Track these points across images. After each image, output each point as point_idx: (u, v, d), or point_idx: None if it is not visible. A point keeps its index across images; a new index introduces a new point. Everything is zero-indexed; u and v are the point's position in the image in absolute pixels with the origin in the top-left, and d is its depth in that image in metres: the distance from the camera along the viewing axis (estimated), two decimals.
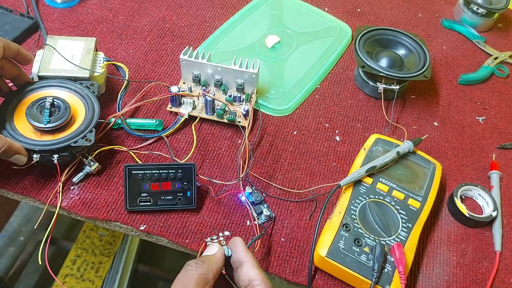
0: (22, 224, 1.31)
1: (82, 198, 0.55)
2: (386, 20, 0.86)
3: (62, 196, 0.54)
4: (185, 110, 0.63)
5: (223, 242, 0.43)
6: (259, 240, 0.53)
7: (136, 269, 1.18)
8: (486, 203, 0.60)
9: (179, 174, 0.54)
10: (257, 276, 0.39)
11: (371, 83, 0.70)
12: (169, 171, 0.54)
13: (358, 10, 0.87)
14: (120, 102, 0.64)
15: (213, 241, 0.43)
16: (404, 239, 0.52)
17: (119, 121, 0.60)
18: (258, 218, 0.55)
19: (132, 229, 0.54)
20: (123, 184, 0.55)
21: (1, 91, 0.57)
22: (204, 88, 0.65)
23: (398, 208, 0.54)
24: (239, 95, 0.65)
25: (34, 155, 0.52)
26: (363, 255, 0.50)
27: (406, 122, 0.69)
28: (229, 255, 0.42)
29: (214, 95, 0.63)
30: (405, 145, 0.59)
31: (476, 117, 0.72)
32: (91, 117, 0.56)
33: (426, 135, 0.66)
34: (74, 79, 0.59)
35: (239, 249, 0.42)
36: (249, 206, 0.55)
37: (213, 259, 0.40)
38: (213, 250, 0.41)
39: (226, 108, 0.63)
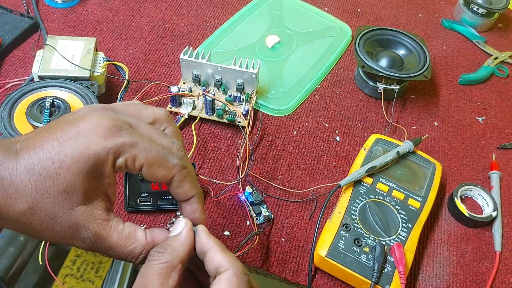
0: None
1: None
2: (386, 20, 0.86)
3: None
4: (185, 110, 0.63)
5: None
6: (257, 236, 0.53)
7: (136, 269, 1.18)
8: (486, 203, 0.60)
9: None
10: (222, 260, 0.33)
11: (371, 83, 0.70)
12: None
13: (358, 10, 0.87)
14: (120, 102, 0.64)
15: (169, 224, 0.36)
16: (404, 239, 0.52)
17: None
18: (256, 219, 0.55)
19: None
20: (123, 184, 0.55)
21: None
22: (204, 88, 0.65)
23: (398, 208, 0.54)
24: (239, 95, 0.65)
25: None
26: (363, 255, 0.50)
27: (406, 122, 0.69)
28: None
29: (214, 95, 0.63)
30: (405, 145, 0.59)
31: (476, 117, 0.72)
32: None
33: (426, 135, 0.66)
34: (74, 79, 0.59)
35: (200, 238, 0.35)
36: (248, 206, 0.55)
37: (177, 241, 0.34)
38: (178, 228, 0.35)
39: (226, 108, 0.63)
